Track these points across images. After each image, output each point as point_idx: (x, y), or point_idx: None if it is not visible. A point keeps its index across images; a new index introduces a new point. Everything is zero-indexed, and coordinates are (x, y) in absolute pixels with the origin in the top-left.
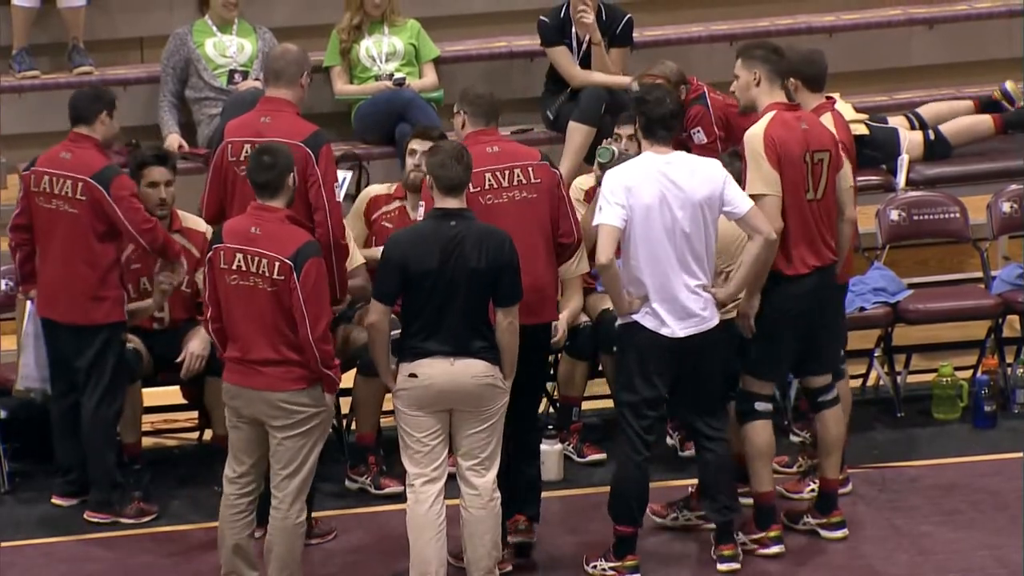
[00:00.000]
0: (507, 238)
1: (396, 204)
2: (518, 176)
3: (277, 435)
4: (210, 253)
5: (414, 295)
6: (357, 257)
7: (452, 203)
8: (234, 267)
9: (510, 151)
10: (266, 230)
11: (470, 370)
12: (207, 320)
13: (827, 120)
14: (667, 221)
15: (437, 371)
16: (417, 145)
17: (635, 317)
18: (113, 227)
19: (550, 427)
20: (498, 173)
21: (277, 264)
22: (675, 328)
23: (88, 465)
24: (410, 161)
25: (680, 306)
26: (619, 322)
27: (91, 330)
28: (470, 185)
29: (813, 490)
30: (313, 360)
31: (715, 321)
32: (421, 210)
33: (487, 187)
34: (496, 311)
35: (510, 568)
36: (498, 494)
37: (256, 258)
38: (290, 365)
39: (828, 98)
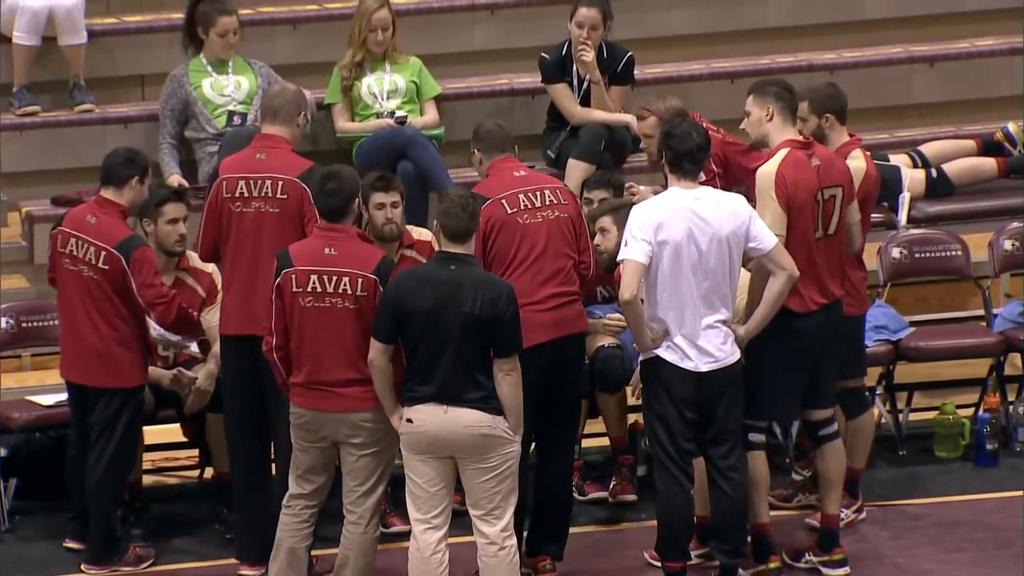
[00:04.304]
0: (506, 288)
1: None
2: (548, 197)
3: (355, 452)
4: (278, 279)
5: (409, 336)
6: None
7: (456, 248)
8: (309, 289)
9: (535, 176)
10: (342, 249)
11: (463, 419)
12: (270, 349)
13: (857, 156)
14: (694, 257)
15: (430, 419)
16: (384, 198)
17: (657, 352)
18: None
19: None
20: (531, 194)
21: (360, 280)
22: (697, 363)
23: (90, 518)
24: (380, 215)
25: (701, 341)
26: (641, 358)
27: (110, 392)
28: (506, 206)
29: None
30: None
31: (736, 356)
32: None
33: (523, 207)
34: (495, 362)
35: None
36: (511, 541)
37: (335, 277)
38: (369, 384)
39: (852, 135)
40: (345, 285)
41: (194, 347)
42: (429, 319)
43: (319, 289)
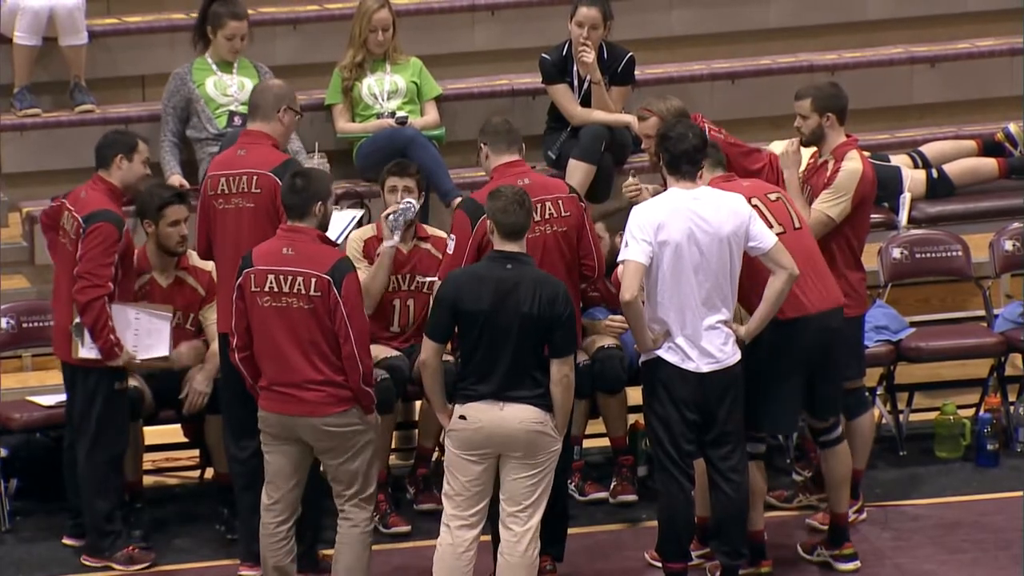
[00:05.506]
0: (562, 288)
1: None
2: (549, 210)
3: (332, 461)
4: (239, 279)
5: (466, 336)
6: None
7: (511, 247)
8: (266, 288)
9: (540, 183)
10: (299, 249)
11: (519, 415)
12: (233, 351)
13: (854, 157)
14: (695, 257)
15: (486, 415)
16: (397, 182)
17: (658, 353)
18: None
19: None
20: (532, 207)
21: (314, 280)
22: (699, 364)
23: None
24: (392, 199)
25: (703, 342)
26: (643, 359)
27: (82, 371)
28: None
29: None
30: (356, 376)
31: (737, 357)
32: (452, 243)
33: None
34: (551, 362)
35: None
36: (536, 544)
37: (290, 277)
38: (333, 387)
39: (849, 136)
40: (299, 285)
41: (161, 351)
42: (487, 318)
43: (275, 289)
